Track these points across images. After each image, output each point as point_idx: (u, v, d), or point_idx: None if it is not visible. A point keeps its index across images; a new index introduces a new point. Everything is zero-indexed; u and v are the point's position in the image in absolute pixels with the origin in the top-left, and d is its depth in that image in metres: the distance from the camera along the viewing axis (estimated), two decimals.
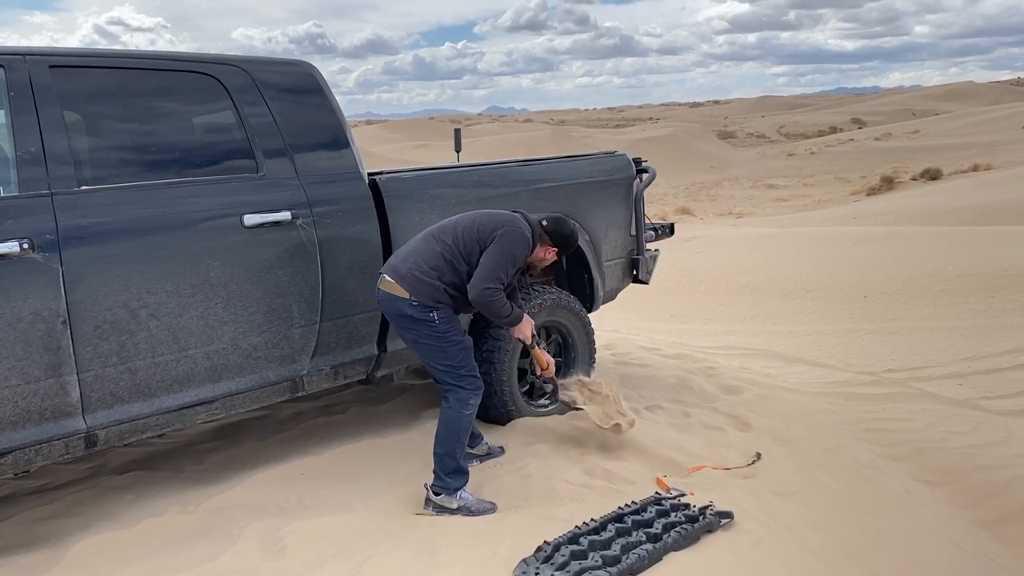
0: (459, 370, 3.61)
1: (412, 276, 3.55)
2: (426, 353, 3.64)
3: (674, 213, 26.84)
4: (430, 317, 3.55)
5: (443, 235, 3.66)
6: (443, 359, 3.61)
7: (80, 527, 3.36)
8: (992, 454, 4.89)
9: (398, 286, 3.55)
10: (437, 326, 3.56)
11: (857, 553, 3.43)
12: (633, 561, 3.02)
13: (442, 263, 3.58)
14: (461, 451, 3.61)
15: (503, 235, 3.61)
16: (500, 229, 3.62)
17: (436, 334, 3.57)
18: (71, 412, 3.14)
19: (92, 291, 3.13)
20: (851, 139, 60.45)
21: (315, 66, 4.08)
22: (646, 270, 5.47)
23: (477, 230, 3.64)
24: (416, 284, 3.54)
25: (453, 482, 3.55)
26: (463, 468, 3.61)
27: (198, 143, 3.81)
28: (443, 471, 3.56)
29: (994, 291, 10.68)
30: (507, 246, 3.60)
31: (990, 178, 26.52)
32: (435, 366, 3.64)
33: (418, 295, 3.53)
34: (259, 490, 3.68)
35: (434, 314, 3.55)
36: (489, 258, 3.57)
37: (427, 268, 3.56)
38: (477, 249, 3.60)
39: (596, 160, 5.41)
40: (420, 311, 3.54)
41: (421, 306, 3.54)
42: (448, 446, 3.57)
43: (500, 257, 3.57)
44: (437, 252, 3.60)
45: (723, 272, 13.26)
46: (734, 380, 5.74)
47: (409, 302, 3.54)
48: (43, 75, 3.19)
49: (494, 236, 3.60)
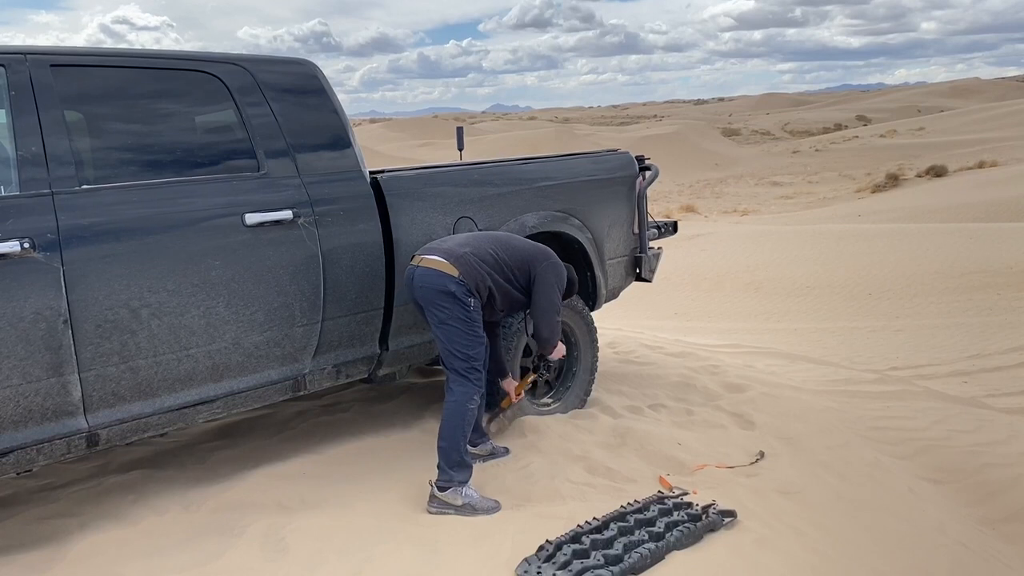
0: (472, 362, 3.67)
1: (467, 259, 3.70)
2: (449, 335, 3.67)
3: (679, 211, 26.83)
4: (468, 302, 3.65)
5: (496, 246, 3.85)
6: (463, 347, 3.66)
7: (82, 526, 3.37)
8: (997, 452, 4.87)
9: (448, 263, 3.66)
10: (471, 312, 3.66)
11: (861, 552, 3.42)
12: (635, 560, 3.01)
13: (494, 263, 3.78)
14: (464, 444, 3.63)
15: (551, 266, 3.93)
16: (547, 261, 3.93)
17: (466, 319, 3.65)
18: (73, 411, 3.14)
19: (93, 290, 3.12)
20: (856, 136, 60.35)
21: (317, 65, 4.07)
22: (649, 268, 5.46)
23: (526, 254, 3.92)
24: (468, 267, 3.67)
25: (457, 475, 3.55)
26: (467, 462, 3.62)
27: (200, 142, 3.80)
28: (447, 464, 3.56)
29: (999, 288, 10.66)
30: (555, 278, 3.93)
31: (996, 175, 26.45)
32: (453, 352, 3.68)
33: (467, 276, 3.65)
34: (261, 489, 3.68)
35: (472, 300, 3.67)
36: (545, 290, 3.89)
37: (483, 260, 3.74)
38: (525, 271, 3.88)
39: (599, 158, 5.39)
40: (463, 291, 3.64)
41: (465, 287, 3.64)
42: (451, 439, 3.59)
43: (552, 286, 3.92)
44: (492, 253, 3.80)
45: (727, 270, 13.25)
46: (738, 378, 5.72)
47: (457, 280, 3.63)
48: (44, 74, 3.19)
49: (544, 265, 3.90)
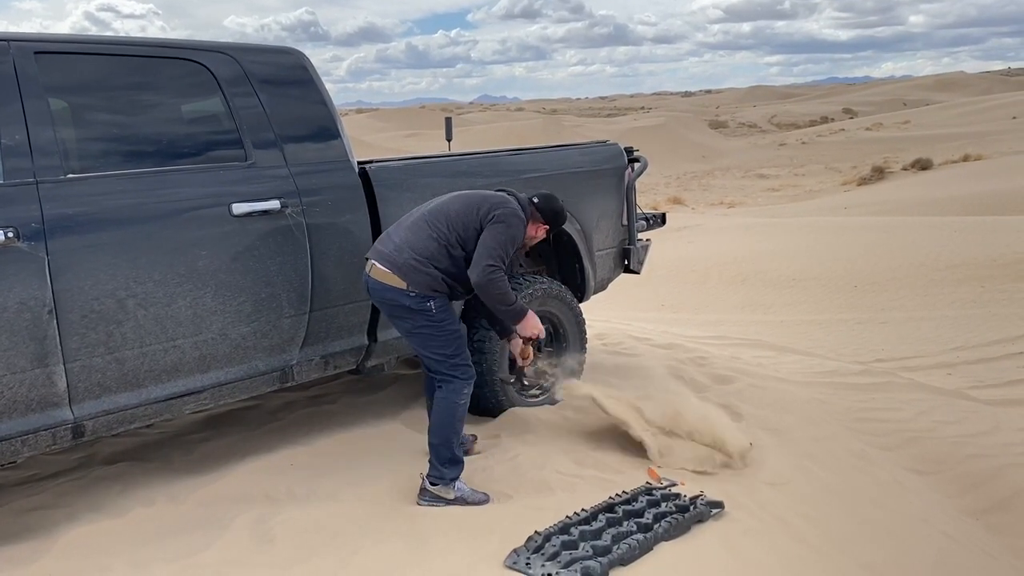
0: (453, 359, 3.58)
1: (409, 266, 3.48)
2: (421, 343, 3.61)
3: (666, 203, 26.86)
4: (427, 307, 3.50)
5: (435, 220, 3.58)
6: (438, 348, 3.57)
7: (68, 518, 3.34)
8: (981, 443, 4.91)
9: (394, 275, 3.48)
10: (434, 315, 3.52)
11: (848, 542, 3.45)
12: (624, 551, 3.02)
13: (437, 250, 3.52)
14: (456, 440, 3.59)
15: (499, 216, 3.55)
16: (496, 210, 3.56)
17: (432, 323, 3.53)
18: (58, 402, 3.11)
19: (79, 280, 3.09)
20: (842, 129, 60.58)
21: (305, 54, 4.04)
22: (638, 260, 5.46)
23: (470, 213, 3.57)
24: (414, 274, 3.48)
25: (449, 472, 3.54)
26: (459, 458, 3.60)
27: (186, 131, 3.77)
28: (439, 461, 3.55)
29: (984, 281, 10.74)
30: (504, 227, 3.54)
31: (981, 168, 26.62)
32: (429, 355, 3.61)
33: (416, 285, 3.48)
34: (248, 481, 3.66)
35: (431, 303, 3.51)
36: (488, 238, 3.50)
37: (423, 258, 3.50)
38: (474, 233, 3.53)
39: (588, 149, 5.38)
40: (417, 301, 3.49)
41: (419, 296, 3.49)
42: (443, 436, 3.56)
43: (500, 236, 3.51)
44: (432, 238, 3.53)
45: (714, 262, 13.29)
46: (725, 370, 5.74)
47: (407, 293, 3.48)
48: (28, 61, 3.15)
49: (491, 217, 3.54)
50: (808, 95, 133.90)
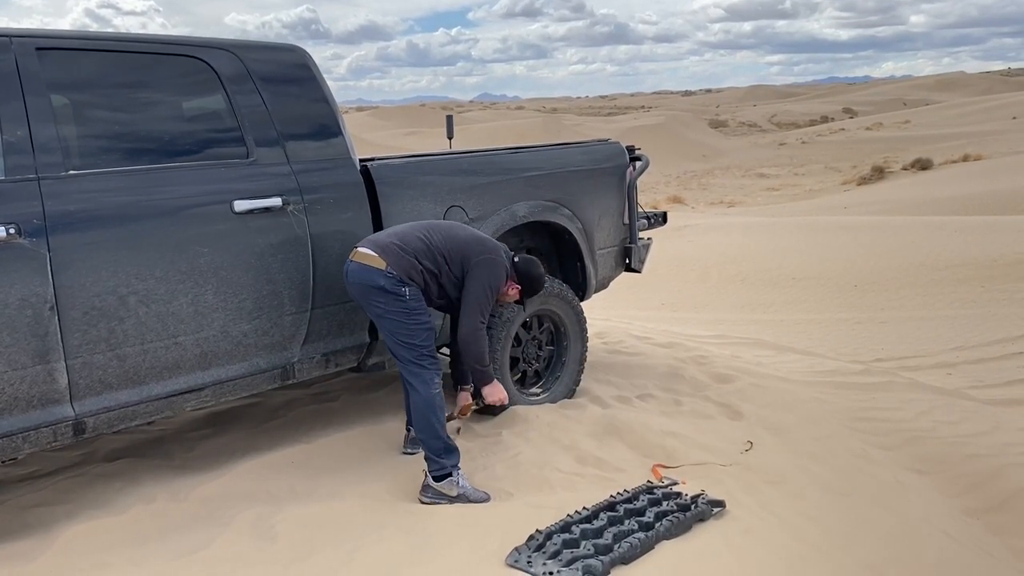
0: (421, 350, 3.62)
1: (392, 248, 3.61)
2: (391, 328, 3.62)
3: (666, 202, 26.86)
4: (401, 292, 3.57)
5: (429, 232, 3.76)
6: (407, 336, 3.60)
7: (69, 515, 3.34)
8: (981, 443, 4.91)
9: (376, 256, 3.57)
10: (407, 302, 3.58)
11: (848, 542, 3.45)
12: (625, 550, 3.02)
13: (423, 249, 3.67)
14: (443, 429, 3.61)
15: (486, 262, 3.75)
16: (485, 255, 3.77)
17: (404, 310, 3.58)
18: (59, 399, 3.11)
19: (80, 277, 3.09)
20: (842, 129, 60.60)
21: (307, 51, 4.03)
22: (639, 259, 5.46)
23: (464, 244, 3.77)
24: (395, 256, 3.58)
25: (448, 460, 3.55)
26: (451, 445, 3.61)
27: (188, 128, 3.76)
28: (433, 453, 3.56)
29: (984, 280, 10.74)
30: (488, 276, 3.75)
31: (981, 168, 26.63)
32: (397, 343, 3.62)
33: (395, 267, 3.56)
34: (250, 478, 3.66)
35: (406, 290, 3.58)
36: (474, 288, 3.73)
37: (408, 248, 3.64)
38: (459, 261, 3.73)
39: (589, 148, 5.37)
40: (393, 283, 3.55)
41: (395, 278, 3.56)
42: (428, 429, 3.58)
43: (484, 286, 3.74)
44: (421, 239, 3.70)
45: (714, 261, 13.29)
46: (725, 369, 5.74)
47: (384, 272, 3.55)
48: (30, 58, 3.14)
49: (480, 260, 3.74)
50: (808, 95, 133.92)
